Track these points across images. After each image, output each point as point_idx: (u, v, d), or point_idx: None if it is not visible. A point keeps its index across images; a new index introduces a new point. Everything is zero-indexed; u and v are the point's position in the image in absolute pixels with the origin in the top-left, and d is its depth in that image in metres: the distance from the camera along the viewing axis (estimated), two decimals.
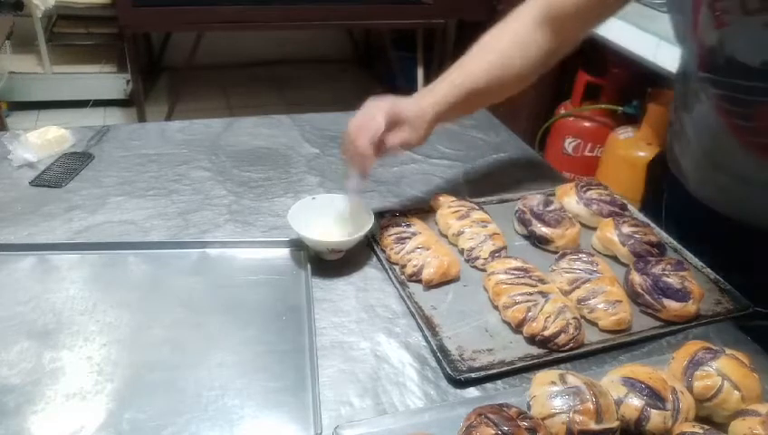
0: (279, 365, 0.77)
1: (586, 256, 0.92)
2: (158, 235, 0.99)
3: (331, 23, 3.01)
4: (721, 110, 0.86)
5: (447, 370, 0.76)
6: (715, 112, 0.87)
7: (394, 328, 0.84)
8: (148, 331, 0.81)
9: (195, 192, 1.12)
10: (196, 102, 3.45)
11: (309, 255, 0.94)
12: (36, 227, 0.99)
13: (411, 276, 0.90)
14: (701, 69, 0.86)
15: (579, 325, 0.81)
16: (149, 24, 2.84)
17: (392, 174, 1.22)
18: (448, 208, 1.02)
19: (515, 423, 0.62)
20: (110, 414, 0.69)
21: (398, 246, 0.94)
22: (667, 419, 0.67)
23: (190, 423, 0.68)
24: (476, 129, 1.43)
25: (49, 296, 0.85)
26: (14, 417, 0.68)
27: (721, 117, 0.86)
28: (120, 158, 1.21)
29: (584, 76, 2.40)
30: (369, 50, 4.10)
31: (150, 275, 0.90)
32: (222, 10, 2.69)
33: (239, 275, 0.91)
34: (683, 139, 1.01)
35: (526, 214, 1.02)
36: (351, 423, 0.68)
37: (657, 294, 0.87)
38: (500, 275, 0.87)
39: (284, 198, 1.12)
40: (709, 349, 0.75)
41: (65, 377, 0.73)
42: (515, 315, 0.82)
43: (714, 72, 0.83)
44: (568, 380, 0.68)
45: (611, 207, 1.05)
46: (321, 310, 0.86)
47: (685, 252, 1.02)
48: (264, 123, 1.39)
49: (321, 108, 1.72)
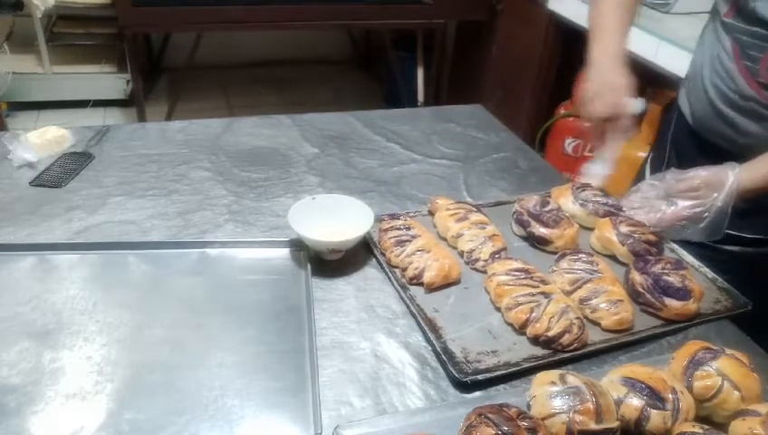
0: (279, 365, 0.77)
1: (586, 256, 0.92)
2: (158, 235, 0.99)
3: (331, 23, 3.01)
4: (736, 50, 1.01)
5: (453, 372, 0.75)
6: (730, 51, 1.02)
7: (394, 328, 0.84)
8: (148, 331, 0.81)
9: (195, 192, 1.12)
10: (196, 102, 3.45)
11: (309, 255, 0.94)
12: (36, 227, 0.99)
13: (412, 279, 0.90)
14: (726, 15, 1.03)
15: (582, 325, 0.81)
16: (149, 24, 2.83)
17: (392, 174, 1.22)
18: (447, 211, 1.02)
19: (515, 423, 0.62)
20: (110, 414, 0.69)
21: (398, 249, 0.94)
22: (667, 419, 0.67)
23: (190, 423, 0.68)
24: (476, 129, 1.43)
25: (49, 296, 0.85)
26: (15, 417, 0.68)
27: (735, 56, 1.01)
28: (119, 158, 1.21)
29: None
30: (369, 50, 4.10)
31: (150, 275, 0.90)
32: (222, 10, 2.69)
33: (239, 275, 0.91)
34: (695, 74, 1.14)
35: (524, 215, 1.02)
36: (351, 423, 0.68)
37: (657, 293, 0.87)
38: (501, 277, 0.87)
39: (284, 198, 1.12)
40: (709, 349, 0.75)
41: (65, 377, 0.73)
42: (519, 316, 0.82)
43: (738, 20, 1.00)
44: (568, 380, 0.68)
45: (607, 207, 1.05)
46: (321, 310, 0.86)
47: (681, 251, 1.02)
48: (264, 123, 1.39)
49: (321, 108, 1.72)
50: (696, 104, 1.13)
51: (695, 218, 0.96)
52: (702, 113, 1.10)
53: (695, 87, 1.13)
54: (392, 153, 1.30)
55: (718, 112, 1.06)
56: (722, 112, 1.05)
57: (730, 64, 1.02)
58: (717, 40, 1.06)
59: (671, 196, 1.00)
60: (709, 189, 0.94)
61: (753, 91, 0.99)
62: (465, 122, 1.45)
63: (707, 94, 1.08)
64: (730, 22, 1.02)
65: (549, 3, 2.44)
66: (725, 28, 1.03)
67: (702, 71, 1.10)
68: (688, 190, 0.97)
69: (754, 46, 0.97)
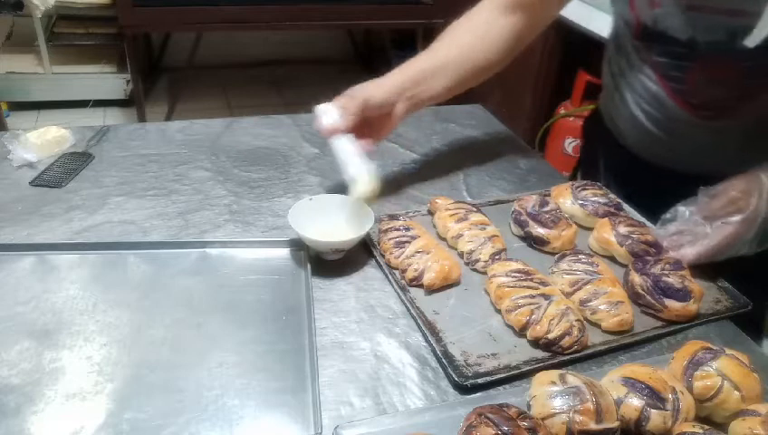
0: (279, 365, 0.77)
1: (585, 257, 0.92)
2: (158, 235, 0.99)
3: (331, 23, 3.01)
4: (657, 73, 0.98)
5: (453, 376, 0.75)
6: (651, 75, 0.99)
7: (394, 328, 0.84)
8: (148, 331, 0.81)
9: (195, 192, 1.12)
10: (196, 102, 3.45)
11: (309, 255, 0.94)
12: (36, 227, 0.99)
13: (412, 281, 0.90)
14: (635, 38, 0.99)
15: (582, 327, 0.81)
16: (149, 24, 2.84)
17: (392, 174, 1.22)
18: (446, 211, 1.02)
19: (515, 423, 0.62)
20: (110, 414, 0.69)
21: (398, 251, 0.93)
22: (667, 419, 0.67)
23: (190, 423, 0.68)
24: (476, 129, 1.43)
25: (49, 296, 0.85)
26: (14, 417, 0.68)
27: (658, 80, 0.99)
28: (119, 158, 1.21)
29: (584, 76, 2.40)
30: (369, 50, 4.10)
31: (150, 275, 0.90)
32: (222, 10, 2.69)
33: (239, 275, 0.91)
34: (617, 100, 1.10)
35: (522, 215, 1.02)
36: (351, 423, 0.68)
37: (658, 294, 0.87)
38: (501, 278, 0.87)
39: (284, 198, 1.12)
40: (709, 349, 0.75)
41: (65, 377, 0.73)
42: (519, 319, 0.82)
43: (648, 42, 0.97)
44: (568, 380, 0.68)
45: (606, 207, 1.05)
46: (321, 310, 0.86)
47: None
48: (264, 123, 1.39)
49: None
50: (628, 131, 1.08)
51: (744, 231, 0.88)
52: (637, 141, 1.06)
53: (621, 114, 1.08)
54: (392, 153, 1.30)
55: (657, 140, 1.01)
56: (661, 139, 1.01)
57: (655, 88, 0.98)
58: (632, 65, 1.01)
59: (710, 218, 0.91)
60: (747, 197, 0.87)
61: (688, 113, 0.95)
62: (465, 122, 1.46)
63: (639, 121, 1.03)
64: (640, 44, 0.98)
65: None
66: (638, 51, 0.99)
67: (625, 96, 1.05)
68: (727, 204, 0.89)
69: (673, 66, 0.94)
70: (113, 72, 3.37)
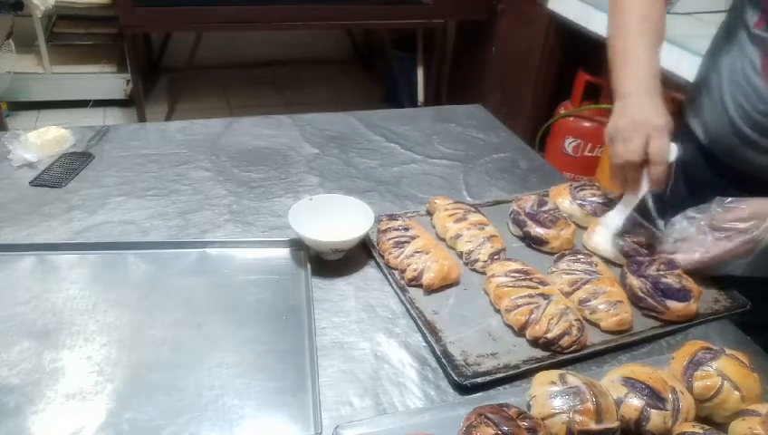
0: (279, 365, 0.77)
1: (584, 257, 0.92)
2: (158, 235, 0.99)
3: (331, 23, 3.01)
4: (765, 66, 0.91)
5: (453, 375, 0.75)
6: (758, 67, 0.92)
7: (394, 328, 0.84)
8: (148, 331, 0.81)
9: (195, 192, 1.12)
10: (196, 102, 3.45)
11: (309, 255, 0.94)
12: (36, 227, 0.99)
13: (411, 281, 0.90)
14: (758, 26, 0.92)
15: (581, 327, 0.81)
16: (149, 24, 2.83)
17: (392, 174, 1.22)
18: (445, 211, 1.02)
19: (515, 423, 0.62)
20: (110, 414, 0.69)
21: (397, 251, 0.93)
22: (667, 419, 0.67)
23: (190, 423, 0.68)
24: (476, 129, 1.43)
25: (49, 296, 0.85)
26: (15, 417, 0.68)
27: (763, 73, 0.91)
28: (119, 158, 1.21)
29: (584, 76, 2.40)
30: (369, 50, 4.10)
31: (150, 275, 0.90)
32: (222, 10, 2.69)
33: (239, 275, 0.91)
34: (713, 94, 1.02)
35: (521, 215, 1.02)
36: (351, 423, 0.68)
37: (659, 296, 0.86)
38: (500, 278, 0.87)
39: (284, 198, 1.12)
40: (709, 349, 0.75)
41: (65, 377, 0.73)
42: (518, 319, 0.82)
43: None
44: (568, 380, 0.68)
45: (605, 207, 1.04)
46: (321, 310, 0.86)
47: None
48: (264, 123, 1.39)
49: (322, 108, 1.72)
50: (711, 122, 1.02)
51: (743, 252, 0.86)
52: (719, 133, 1.00)
53: (709, 102, 1.02)
54: (392, 153, 1.30)
55: (739, 133, 0.95)
56: (743, 133, 0.94)
57: (758, 81, 0.91)
58: (742, 52, 0.95)
59: (716, 228, 0.89)
60: (758, 220, 0.85)
61: None
62: (464, 122, 1.45)
63: (727, 112, 0.97)
64: (761, 34, 0.91)
65: (549, 3, 2.44)
66: (754, 40, 0.92)
67: (720, 85, 0.99)
68: (736, 221, 0.87)
69: None
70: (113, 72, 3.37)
